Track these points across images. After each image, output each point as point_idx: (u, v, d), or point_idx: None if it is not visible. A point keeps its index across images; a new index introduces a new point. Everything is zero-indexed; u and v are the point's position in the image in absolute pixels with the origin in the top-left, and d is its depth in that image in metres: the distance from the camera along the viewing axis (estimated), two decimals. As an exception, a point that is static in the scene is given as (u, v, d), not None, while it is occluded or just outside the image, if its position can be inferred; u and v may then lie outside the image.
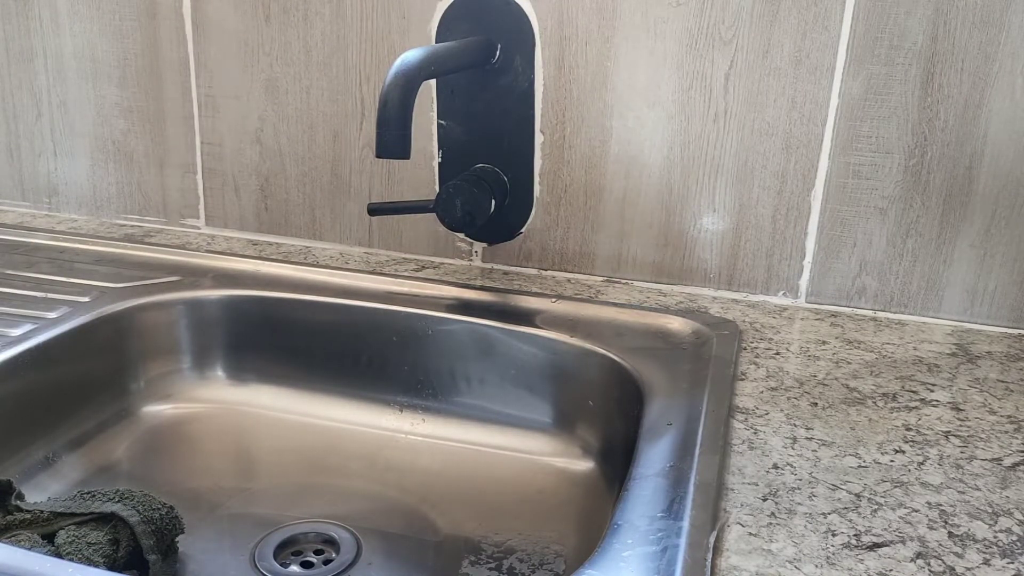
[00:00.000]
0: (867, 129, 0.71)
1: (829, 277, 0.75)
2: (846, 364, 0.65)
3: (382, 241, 0.86)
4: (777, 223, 0.75)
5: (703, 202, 0.76)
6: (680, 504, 0.46)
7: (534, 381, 0.71)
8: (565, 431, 0.71)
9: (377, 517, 0.65)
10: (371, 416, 0.75)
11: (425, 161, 0.82)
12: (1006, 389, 0.62)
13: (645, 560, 0.42)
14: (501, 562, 0.60)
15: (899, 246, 0.73)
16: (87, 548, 0.53)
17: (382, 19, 0.79)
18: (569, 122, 0.77)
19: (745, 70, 0.72)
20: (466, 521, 0.65)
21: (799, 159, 0.73)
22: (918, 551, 0.44)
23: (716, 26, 0.71)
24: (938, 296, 0.73)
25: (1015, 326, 0.72)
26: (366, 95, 0.82)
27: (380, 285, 0.78)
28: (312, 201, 0.87)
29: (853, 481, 0.50)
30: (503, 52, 0.76)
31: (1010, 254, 0.71)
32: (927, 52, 0.68)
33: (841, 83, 0.70)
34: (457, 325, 0.72)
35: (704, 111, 0.74)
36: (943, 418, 0.58)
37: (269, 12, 0.82)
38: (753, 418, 0.57)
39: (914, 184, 0.71)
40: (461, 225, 0.74)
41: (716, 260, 0.77)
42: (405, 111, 0.60)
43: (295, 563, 0.61)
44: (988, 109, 0.68)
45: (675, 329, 0.71)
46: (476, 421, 0.73)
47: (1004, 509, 0.48)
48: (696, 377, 0.62)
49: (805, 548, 0.44)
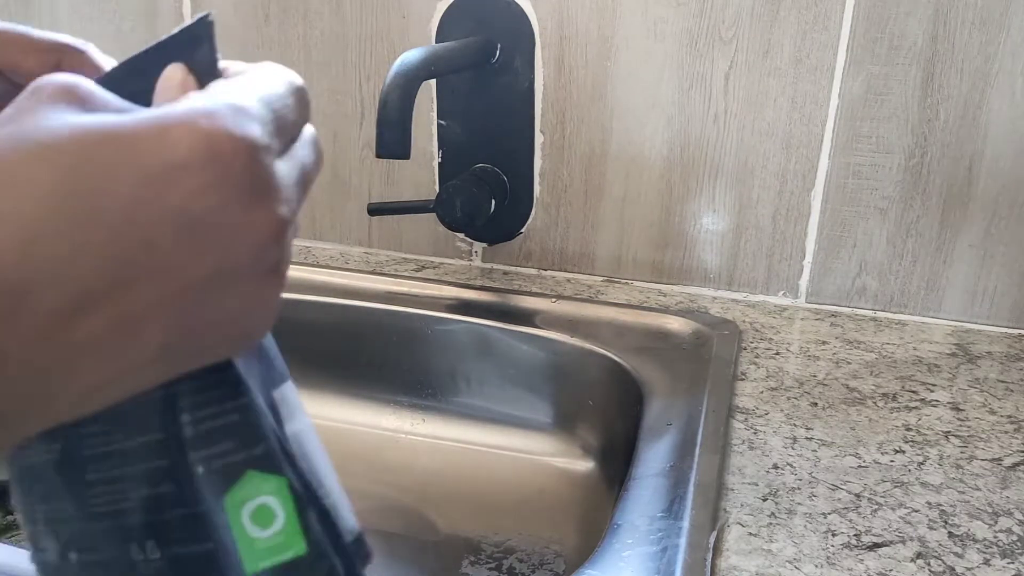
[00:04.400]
0: (867, 129, 0.71)
1: (829, 277, 0.75)
2: (846, 364, 0.65)
3: (382, 241, 0.86)
4: (777, 223, 0.75)
5: (703, 202, 0.76)
6: (680, 504, 0.46)
7: (534, 381, 0.71)
8: (565, 431, 0.71)
9: (377, 517, 0.65)
10: (371, 416, 0.75)
11: (425, 161, 0.82)
12: (1006, 389, 0.62)
13: (645, 560, 0.42)
14: (501, 562, 0.60)
15: (899, 246, 0.73)
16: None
17: (382, 19, 0.79)
18: (569, 122, 0.77)
19: (745, 70, 0.72)
20: (466, 521, 0.65)
21: (799, 159, 0.73)
22: (918, 551, 0.44)
23: (716, 26, 0.71)
24: (938, 296, 0.73)
25: (1015, 326, 0.72)
26: (366, 95, 0.82)
27: (380, 285, 0.78)
28: (312, 201, 0.87)
29: (853, 481, 0.50)
30: (503, 52, 0.76)
31: (1010, 254, 0.71)
32: (927, 52, 0.68)
33: (841, 83, 0.70)
34: (457, 325, 0.72)
35: (704, 111, 0.74)
36: (943, 418, 0.58)
37: (269, 12, 0.82)
38: (753, 418, 0.57)
39: (914, 184, 0.71)
40: (461, 225, 0.74)
41: (716, 260, 0.77)
42: (405, 111, 0.60)
43: (295, 563, 0.61)
44: (988, 109, 0.68)
45: (675, 329, 0.71)
46: (476, 421, 0.73)
47: (1004, 509, 0.48)
48: (696, 377, 0.62)
49: (805, 548, 0.44)
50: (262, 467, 0.23)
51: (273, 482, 0.24)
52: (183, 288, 0.20)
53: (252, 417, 0.24)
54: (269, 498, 0.24)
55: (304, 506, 0.24)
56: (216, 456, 0.23)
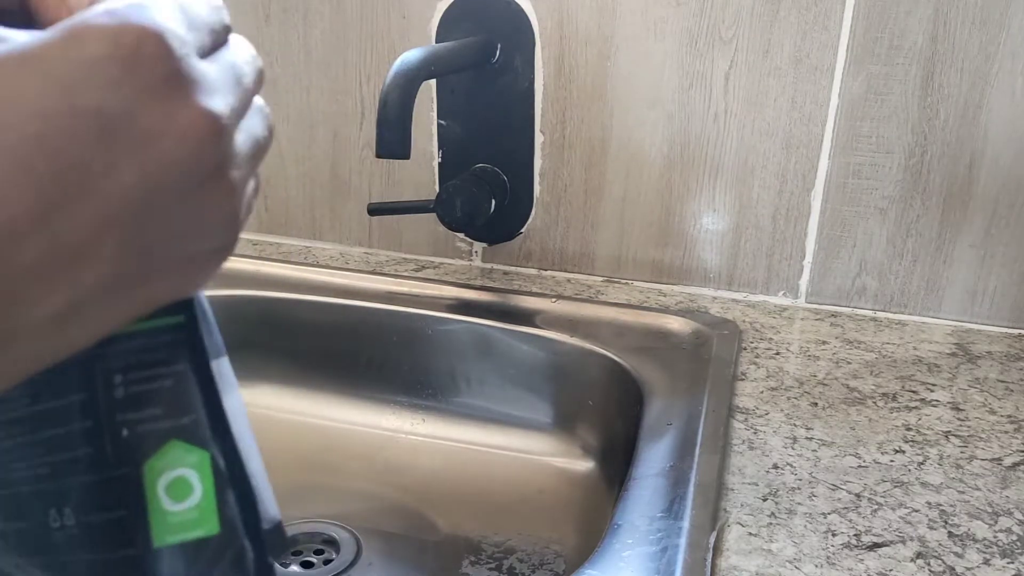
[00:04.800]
0: (867, 129, 0.71)
1: (829, 277, 0.75)
2: (846, 364, 0.65)
3: (382, 241, 0.86)
4: (777, 223, 0.75)
5: (703, 202, 0.76)
6: (680, 504, 0.46)
7: (534, 381, 0.71)
8: (565, 431, 0.71)
9: (377, 517, 0.65)
10: (371, 416, 0.75)
11: (425, 161, 0.82)
12: (1006, 389, 0.62)
13: (645, 560, 0.42)
14: (501, 562, 0.60)
15: (899, 246, 0.73)
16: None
17: (382, 19, 0.79)
18: (569, 122, 0.77)
19: (745, 70, 0.72)
20: (466, 521, 0.65)
21: (799, 159, 0.73)
22: (918, 551, 0.44)
23: (716, 26, 0.71)
24: (938, 296, 0.73)
25: (1015, 326, 0.72)
26: (366, 95, 0.82)
27: (380, 285, 0.78)
28: (312, 201, 0.87)
29: (853, 481, 0.50)
30: (503, 52, 0.76)
31: (1010, 254, 0.71)
32: (927, 52, 0.68)
33: (841, 83, 0.70)
34: (457, 325, 0.72)
35: (704, 111, 0.74)
36: (943, 418, 0.58)
37: (269, 12, 0.82)
38: (753, 418, 0.57)
39: (914, 184, 0.71)
40: (461, 225, 0.74)
41: (716, 260, 0.77)
42: (405, 111, 0.60)
43: (295, 563, 0.61)
44: (988, 109, 0.68)
45: (675, 329, 0.71)
46: (476, 421, 0.73)
47: (1004, 509, 0.48)
48: (696, 377, 0.62)
49: (805, 548, 0.44)
50: (187, 438, 0.23)
51: (196, 455, 0.23)
52: (121, 201, 0.19)
53: (185, 386, 0.23)
54: (189, 471, 0.23)
55: (224, 485, 0.24)
56: (143, 420, 0.23)
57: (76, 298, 0.20)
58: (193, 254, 0.22)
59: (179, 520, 0.23)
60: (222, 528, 0.23)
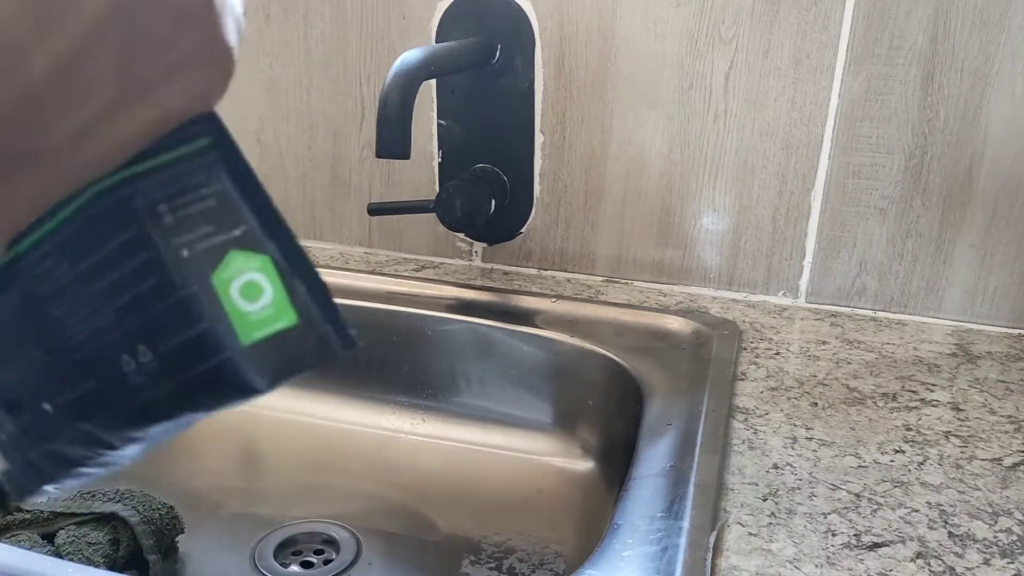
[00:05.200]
0: (867, 129, 0.71)
1: (829, 277, 0.75)
2: (846, 364, 0.65)
3: (382, 241, 0.86)
4: (777, 223, 0.75)
5: (703, 202, 0.76)
6: (680, 504, 0.46)
7: (534, 381, 0.71)
8: (565, 431, 0.71)
9: (377, 517, 0.65)
10: (371, 416, 0.75)
11: (425, 161, 0.82)
12: (1006, 389, 0.62)
13: (645, 560, 0.42)
14: (501, 562, 0.60)
15: (899, 246, 0.73)
16: (87, 548, 0.53)
17: (382, 19, 0.79)
18: (569, 122, 0.77)
19: (745, 70, 0.72)
20: (466, 521, 0.65)
21: (799, 159, 0.73)
22: (918, 551, 0.44)
23: (716, 26, 0.71)
24: (938, 296, 0.73)
25: (1015, 326, 0.72)
26: (366, 95, 0.82)
27: (380, 285, 0.78)
28: (312, 201, 0.87)
29: (853, 481, 0.50)
30: (503, 52, 0.76)
31: (1010, 254, 0.71)
32: (927, 52, 0.68)
33: (841, 83, 0.70)
34: (457, 325, 0.72)
35: (704, 111, 0.74)
36: (943, 418, 0.58)
37: (269, 12, 0.82)
38: (753, 418, 0.57)
39: (914, 184, 0.71)
40: (461, 225, 0.74)
41: (716, 260, 0.77)
42: (405, 111, 0.60)
43: (295, 563, 0.61)
44: (988, 109, 0.68)
45: (675, 329, 0.71)
46: (476, 421, 0.73)
47: (1004, 509, 0.48)
48: (696, 377, 0.62)
49: (805, 548, 0.44)
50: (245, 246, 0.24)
51: (257, 260, 0.24)
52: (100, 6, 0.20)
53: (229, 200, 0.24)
54: (256, 274, 0.24)
55: (290, 279, 0.25)
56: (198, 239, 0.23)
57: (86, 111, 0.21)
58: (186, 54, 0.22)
59: (258, 318, 0.24)
60: (299, 317, 0.25)
